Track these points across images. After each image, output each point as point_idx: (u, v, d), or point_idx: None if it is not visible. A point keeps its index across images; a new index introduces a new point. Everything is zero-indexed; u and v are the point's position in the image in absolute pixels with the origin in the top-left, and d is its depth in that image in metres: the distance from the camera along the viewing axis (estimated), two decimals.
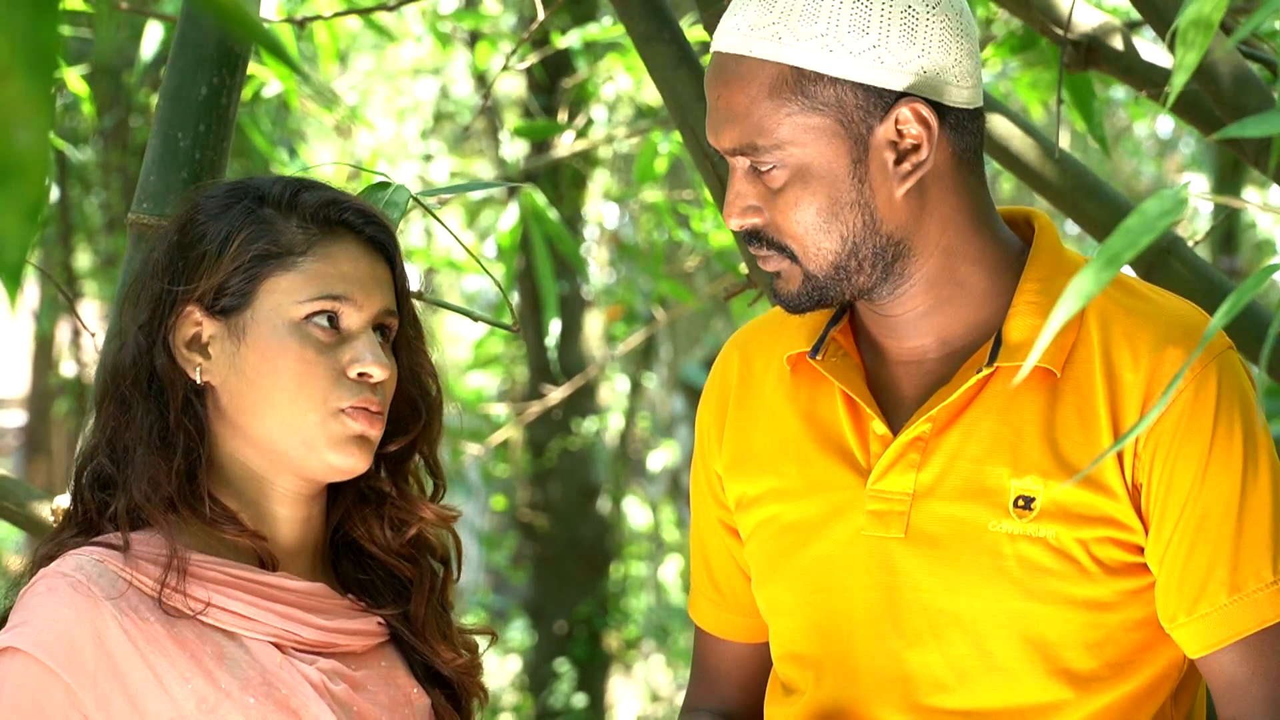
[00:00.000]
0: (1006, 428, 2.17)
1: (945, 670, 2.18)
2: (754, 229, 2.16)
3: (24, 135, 0.96)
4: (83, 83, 4.40)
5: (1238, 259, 8.35)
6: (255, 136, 5.46)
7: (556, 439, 9.85)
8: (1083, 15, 3.24)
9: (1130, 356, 2.15)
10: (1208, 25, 1.54)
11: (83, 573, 2.14)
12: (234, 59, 2.62)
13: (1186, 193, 1.47)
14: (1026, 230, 2.26)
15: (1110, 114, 11.33)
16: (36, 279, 8.27)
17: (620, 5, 2.97)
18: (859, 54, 2.11)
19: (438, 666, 2.31)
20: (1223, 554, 2.13)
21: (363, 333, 2.21)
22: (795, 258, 2.15)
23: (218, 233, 2.20)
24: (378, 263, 2.25)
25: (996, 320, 2.20)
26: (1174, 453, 2.13)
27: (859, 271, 2.15)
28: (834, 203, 2.13)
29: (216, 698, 2.13)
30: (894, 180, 2.15)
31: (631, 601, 11.86)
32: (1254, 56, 3.15)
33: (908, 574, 2.19)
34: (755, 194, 2.15)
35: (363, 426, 2.19)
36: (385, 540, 2.31)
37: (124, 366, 2.22)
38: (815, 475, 2.25)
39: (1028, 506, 2.15)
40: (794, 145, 2.12)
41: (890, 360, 2.25)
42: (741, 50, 2.13)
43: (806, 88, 2.11)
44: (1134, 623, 2.17)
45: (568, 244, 5.47)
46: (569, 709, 10.09)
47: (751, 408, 2.34)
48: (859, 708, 2.22)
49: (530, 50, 5.92)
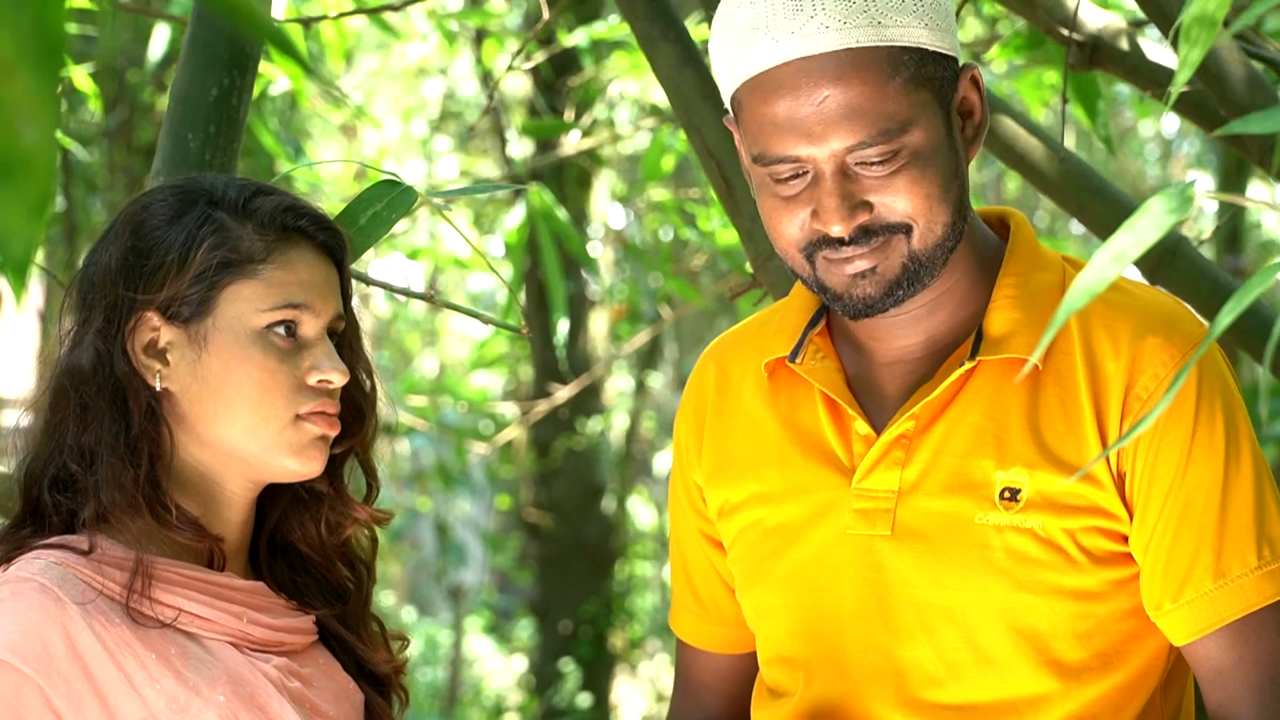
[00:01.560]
0: (990, 421, 2.18)
1: (937, 664, 2.19)
2: (862, 226, 2.13)
3: (30, 131, 0.96)
4: (89, 80, 4.40)
5: (1242, 259, 8.34)
6: (264, 136, 5.47)
7: (561, 438, 9.85)
8: (1088, 15, 3.25)
9: (1111, 346, 2.16)
10: (1211, 22, 1.55)
11: (47, 576, 2.13)
12: (245, 60, 2.61)
13: (1193, 191, 1.47)
14: (1001, 230, 2.29)
15: (1115, 114, 11.32)
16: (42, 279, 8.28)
17: (625, 5, 2.97)
18: (939, 25, 2.14)
19: (372, 666, 2.34)
20: (1207, 540, 2.13)
21: (320, 340, 2.22)
22: (911, 234, 2.14)
23: (176, 239, 2.19)
24: (330, 268, 2.26)
25: (976, 317, 2.22)
26: (1157, 441, 2.14)
27: (947, 249, 2.17)
28: (948, 173, 2.15)
29: (186, 697, 2.14)
30: (968, 147, 2.19)
31: (636, 601, 11.86)
32: (1258, 56, 3.15)
33: (895, 570, 2.19)
34: (859, 190, 2.13)
35: (322, 429, 2.22)
36: (320, 541, 2.32)
37: (82, 370, 2.21)
38: (798, 478, 2.25)
39: (1014, 498, 2.16)
40: (916, 123, 2.12)
41: (873, 362, 2.26)
42: (838, 45, 2.10)
43: (913, 64, 2.12)
44: (1122, 612, 2.18)
45: (575, 243, 5.46)
46: (574, 709, 10.09)
47: (730, 415, 2.34)
48: (852, 705, 2.23)
49: (536, 49, 5.93)
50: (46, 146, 0.98)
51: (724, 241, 6.17)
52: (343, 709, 2.27)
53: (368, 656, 2.33)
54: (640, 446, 12.87)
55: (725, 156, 2.88)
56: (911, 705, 2.20)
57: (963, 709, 2.18)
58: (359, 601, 2.35)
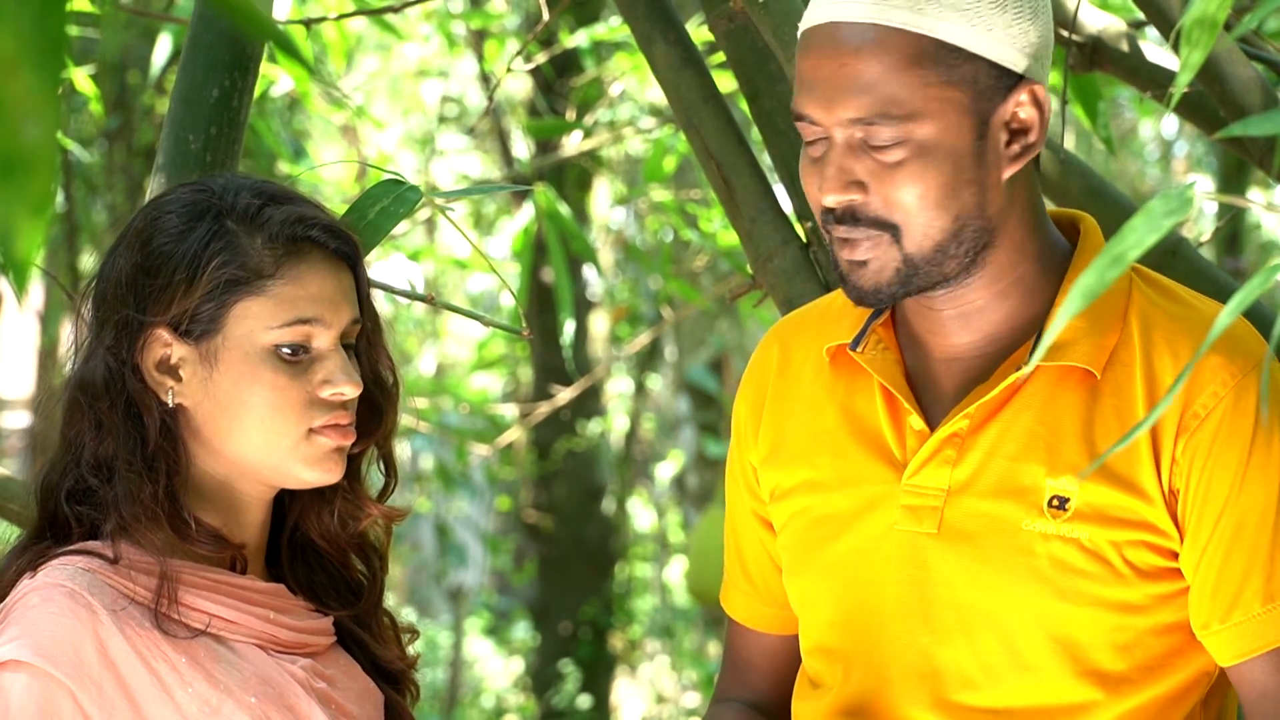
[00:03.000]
0: (1044, 427, 2.17)
1: (974, 667, 2.18)
2: (851, 207, 2.13)
3: (32, 130, 0.96)
4: (90, 82, 4.40)
5: (1242, 260, 8.34)
6: (267, 136, 5.47)
7: (562, 440, 9.85)
8: (1088, 17, 3.25)
9: (1172, 362, 2.15)
10: (1212, 24, 1.55)
11: (76, 582, 2.14)
12: (246, 61, 2.61)
13: (1192, 192, 1.47)
14: (1072, 233, 2.26)
15: (1115, 115, 11.31)
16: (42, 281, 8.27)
17: (624, 6, 2.97)
18: (997, 30, 2.11)
19: (386, 664, 2.34)
20: (1258, 562, 2.12)
21: (332, 352, 2.21)
22: (899, 236, 2.13)
23: (184, 255, 2.18)
24: (343, 273, 2.24)
25: (1040, 320, 2.20)
26: (1212, 460, 2.12)
27: (954, 255, 2.14)
28: (955, 179, 2.11)
29: (219, 699, 2.14)
30: (1004, 162, 2.15)
31: (636, 602, 11.85)
32: (1259, 57, 3.15)
33: (939, 569, 2.19)
34: (861, 169, 2.12)
35: (337, 441, 2.21)
36: (333, 534, 2.32)
37: (95, 385, 2.21)
38: (850, 468, 2.25)
39: (1062, 507, 2.15)
40: (926, 118, 2.10)
41: (931, 357, 2.25)
42: (876, 19, 2.10)
43: (946, 60, 2.10)
44: (1164, 627, 2.17)
45: (582, 243, 5.46)
46: (573, 710, 10.08)
47: (789, 399, 2.33)
48: (886, 703, 2.22)
49: (537, 50, 5.93)
50: (48, 145, 0.98)
51: (725, 242, 6.17)
52: (366, 709, 2.28)
53: (381, 654, 2.34)
54: (640, 448, 12.86)
55: (725, 157, 2.88)
56: (945, 707, 2.19)
57: (998, 714, 2.18)
58: (372, 597, 2.35)
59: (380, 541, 2.37)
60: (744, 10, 2.83)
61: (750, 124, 3.09)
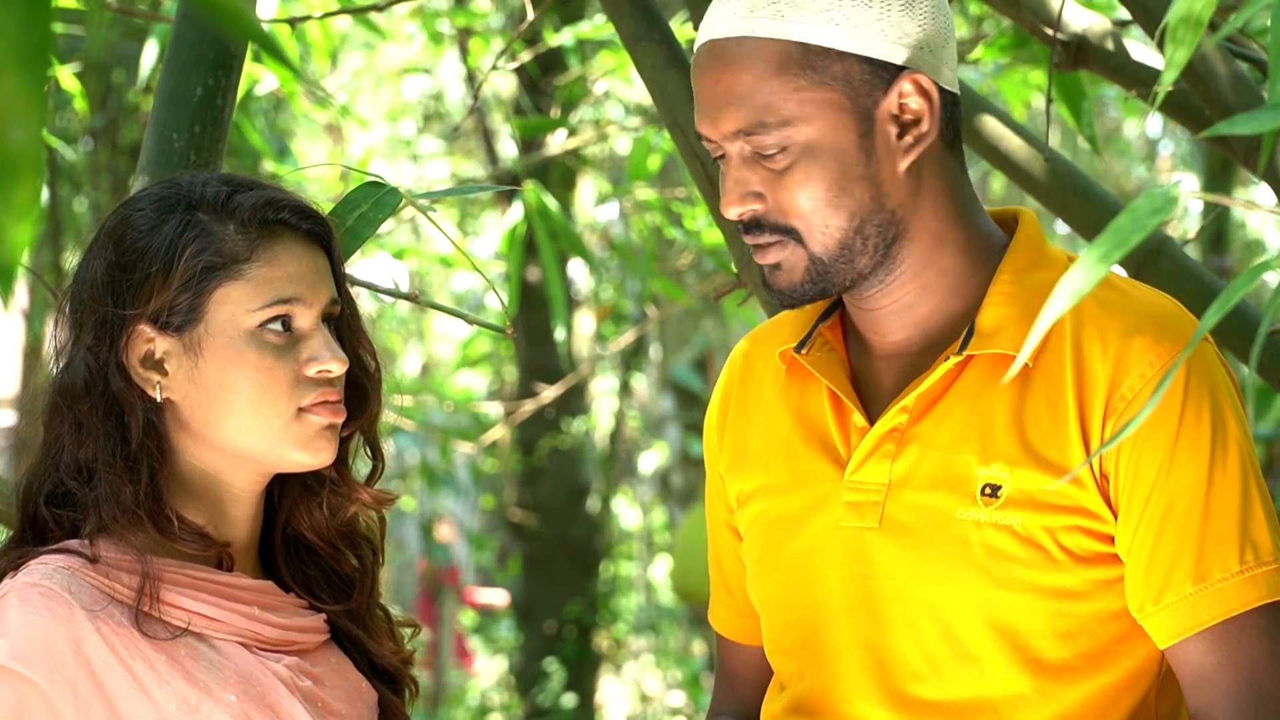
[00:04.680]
0: (976, 416, 2.18)
1: (919, 659, 2.19)
2: (755, 216, 2.17)
3: (18, 133, 0.96)
4: (75, 80, 4.40)
5: (1228, 259, 8.35)
6: (252, 135, 5.46)
7: (546, 438, 9.85)
8: (1073, 15, 3.25)
9: (1100, 346, 2.16)
10: (1197, 22, 1.55)
11: (54, 581, 2.13)
12: (230, 60, 2.61)
13: (1177, 191, 1.47)
14: (1013, 227, 2.27)
15: (1100, 114, 11.32)
16: (26, 279, 8.26)
17: (610, 5, 2.97)
18: (863, 27, 2.13)
19: (380, 660, 2.33)
20: (1188, 543, 2.12)
21: (315, 330, 2.21)
22: (801, 239, 2.15)
23: (159, 248, 2.18)
24: (318, 254, 2.24)
25: (973, 311, 2.21)
26: (1140, 441, 2.13)
27: (863, 251, 2.16)
28: (843, 177, 2.14)
29: (198, 697, 2.14)
30: (898, 154, 2.17)
31: (621, 601, 11.86)
32: (1243, 55, 3.15)
33: (882, 564, 2.20)
34: (756, 179, 2.15)
35: (328, 418, 2.21)
36: (323, 528, 2.31)
37: (75, 388, 2.20)
38: (800, 469, 2.26)
39: (994, 494, 2.15)
40: (803, 122, 2.12)
41: (873, 355, 2.26)
42: (742, 32, 2.13)
43: (814, 62, 2.12)
44: (1109, 614, 2.17)
45: (572, 240, 5.46)
46: (558, 708, 10.08)
47: (750, 406, 2.35)
48: (837, 698, 2.23)
49: (522, 48, 5.92)
50: (34, 148, 0.98)
51: (709, 241, 6.17)
52: (355, 707, 2.27)
53: (376, 650, 2.33)
54: (625, 446, 12.87)
55: (709, 156, 2.88)
56: (895, 699, 2.20)
57: (945, 706, 2.18)
58: (365, 589, 2.34)
59: (372, 531, 2.36)
60: None
61: None
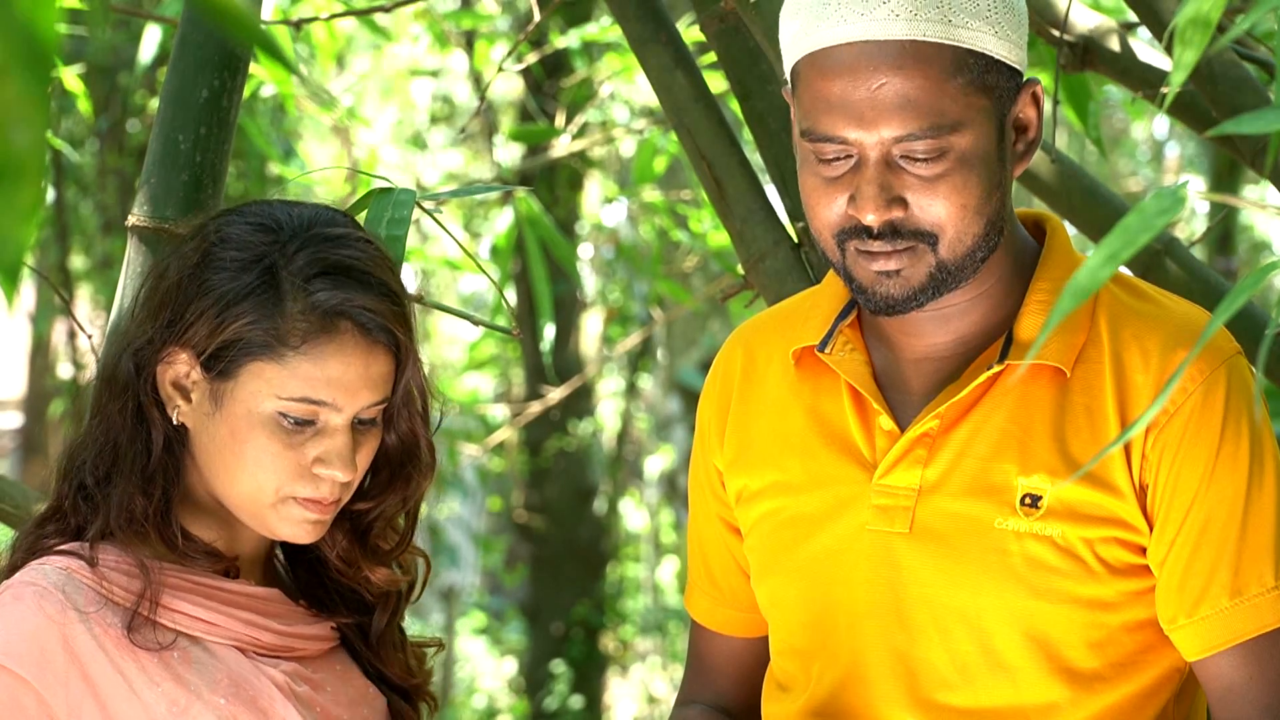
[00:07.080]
0: (1015, 425, 2.17)
1: (949, 667, 2.18)
2: (892, 222, 2.13)
3: (21, 135, 0.95)
4: (79, 82, 4.40)
5: (1234, 260, 8.35)
6: (257, 137, 5.46)
7: (553, 440, 9.85)
8: (1079, 16, 3.25)
9: (1140, 358, 2.16)
10: (1206, 24, 1.54)
11: (49, 580, 2.14)
12: (235, 61, 2.61)
13: (1184, 192, 1.47)
14: (1038, 233, 2.28)
15: (1106, 116, 11.32)
16: (33, 281, 8.26)
17: (616, 7, 2.97)
18: (1010, 37, 2.13)
19: (389, 678, 2.32)
20: (1225, 557, 2.13)
21: (340, 431, 2.17)
22: (935, 246, 2.13)
23: (223, 296, 2.15)
24: (374, 358, 2.18)
25: (1009, 320, 2.21)
26: (1181, 455, 2.13)
27: (980, 259, 2.16)
28: (989, 185, 2.14)
29: (187, 699, 2.14)
30: (1013, 163, 2.18)
31: (628, 603, 11.86)
32: (1250, 58, 3.15)
33: (911, 569, 2.19)
34: (900, 185, 2.12)
35: (315, 515, 2.19)
36: (345, 548, 2.29)
37: (115, 384, 2.21)
38: (819, 469, 2.25)
39: (1034, 505, 2.15)
40: (968, 127, 2.11)
41: (900, 357, 2.25)
42: (912, 35, 2.09)
43: (977, 69, 2.11)
44: (1136, 624, 2.17)
45: (562, 248, 5.46)
46: (565, 710, 10.09)
47: (754, 402, 2.33)
48: (862, 703, 2.22)
49: (528, 50, 5.92)
50: (37, 150, 0.98)
51: (715, 243, 6.17)
52: (359, 713, 2.26)
53: (385, 670, 2.32)
54: (632, 448, 12.87)
55: (717, 158, 2.87)
56: (923, 706, 2.19)
57: (974, 713, 2.18)
58: (384, 615, 2.32)
59: (411, 566, 2.34)
60: (735, 11, 2.82)
61: (741, 124, 3.08)
